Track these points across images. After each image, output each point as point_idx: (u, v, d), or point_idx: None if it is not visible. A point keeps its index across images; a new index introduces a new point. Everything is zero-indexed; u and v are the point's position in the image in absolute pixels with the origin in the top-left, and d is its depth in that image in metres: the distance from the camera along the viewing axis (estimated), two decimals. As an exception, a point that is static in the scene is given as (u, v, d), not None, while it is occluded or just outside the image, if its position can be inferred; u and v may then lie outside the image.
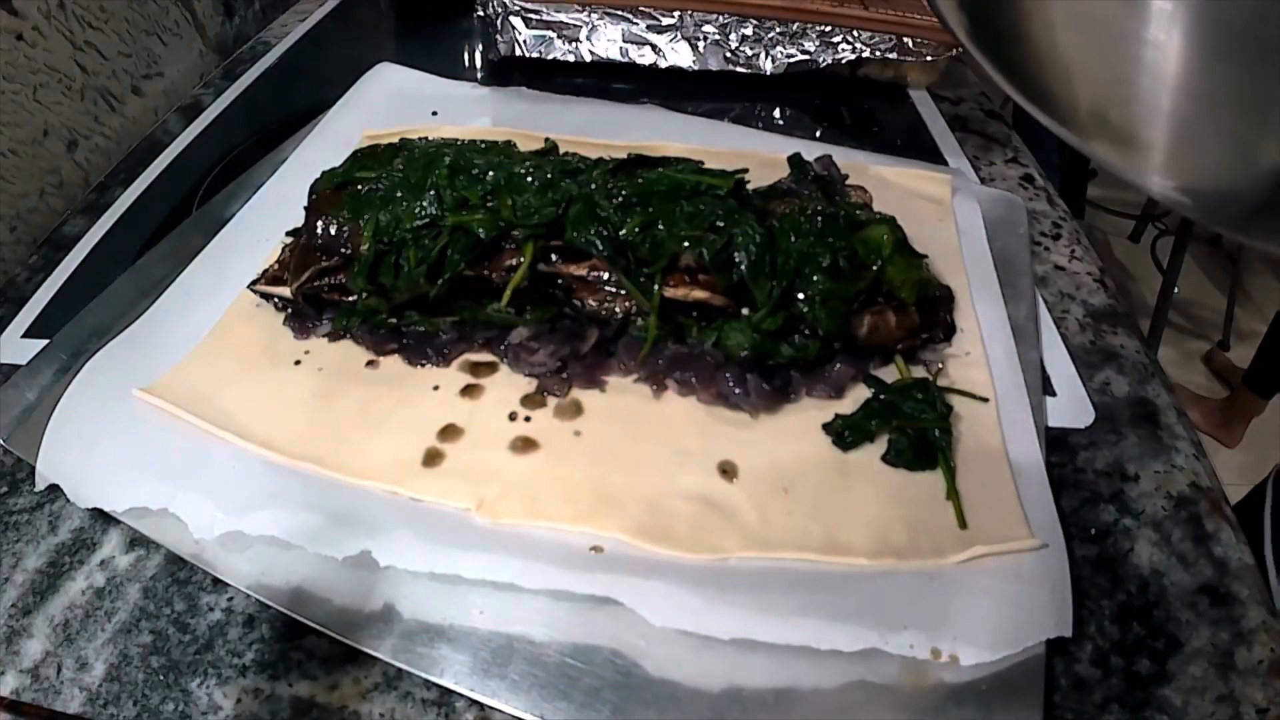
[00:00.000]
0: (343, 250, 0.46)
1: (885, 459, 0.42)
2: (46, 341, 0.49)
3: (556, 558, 0.37)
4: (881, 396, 0.44)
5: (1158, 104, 0.20)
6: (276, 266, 0.50)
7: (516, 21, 0.73)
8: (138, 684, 0.35)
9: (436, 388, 0.46)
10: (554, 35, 0.73)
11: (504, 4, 0.72)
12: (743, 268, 0.43)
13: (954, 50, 0.72)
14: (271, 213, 0.55)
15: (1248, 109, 0.19)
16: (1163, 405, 0.48)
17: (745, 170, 0.49)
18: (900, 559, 0.37)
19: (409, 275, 0.45)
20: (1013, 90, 0.25)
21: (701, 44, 0.73)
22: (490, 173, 0.47)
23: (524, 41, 0.73)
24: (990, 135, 0.71)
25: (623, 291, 0.45)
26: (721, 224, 0.44)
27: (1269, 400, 1.57)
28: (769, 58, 0.73)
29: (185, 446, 0.42)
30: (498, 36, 0.74)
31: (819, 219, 0.45)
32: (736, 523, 0.39)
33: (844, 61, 0.72)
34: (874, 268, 0.45)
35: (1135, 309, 1.83)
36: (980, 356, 0.47)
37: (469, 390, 0.45)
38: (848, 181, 0.54)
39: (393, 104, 0.68)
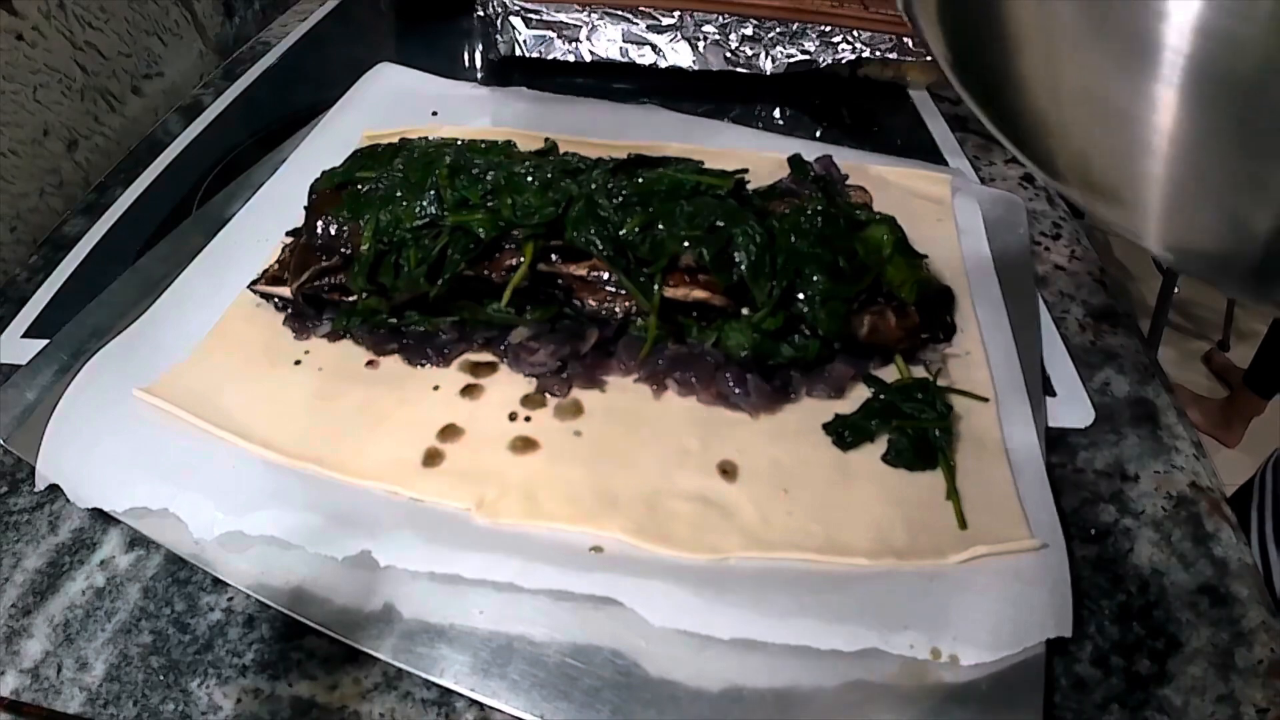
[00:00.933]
0: (343, 250, 0.46)
1: (885, 459, 0.42)
2: (46, 341, 0.49)
3: (556, 558, 0.37)
4: (881, 396, 0.44)
5: (1143, 170, 0.19)
6: (276, 266, 0.50)
7: (516, 21, 0.73)
8: (138, 684, 0.35)
9: (436, 388, 0.46)
10: (554, 35, 0.73)
11: (504, 4, 0.72)
12: (743, 268, 0.43)
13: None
14: (271, 213, 0.55)
15: (1240, 177, 0.18)
16: (1163, 405, 0.48)
17: (745, 170, 0.49)
18: (900, 559, 0.37)
19: (409, 275, 0.45)
20: (994, 128, 0.24)
21: (701, 44, 0.73)
22: (490, 173, 0.47)
23: (524, 41, 0.73)
24: (990, 135, 0.71)
25: (623, 291, 0.45)
26: (721, 224, 0.44)
27: (1269, 400, 1.57)
28: (769, 58, 0.72)
29: (185, 446, 0.42)
30: (498, 36, 0.74)
31: (819, 219, 0.45)
32: (736, 523, 0.39)
33: (844, 61, 0.72)
34: (874, 268, 0.45)
35: (1135, 309, 1.83)
36: (980, 356, 0.47)
37: (469, 390, 0.45)
38: (848, 181, 0.54)
39: (393, 104, 0.68)
